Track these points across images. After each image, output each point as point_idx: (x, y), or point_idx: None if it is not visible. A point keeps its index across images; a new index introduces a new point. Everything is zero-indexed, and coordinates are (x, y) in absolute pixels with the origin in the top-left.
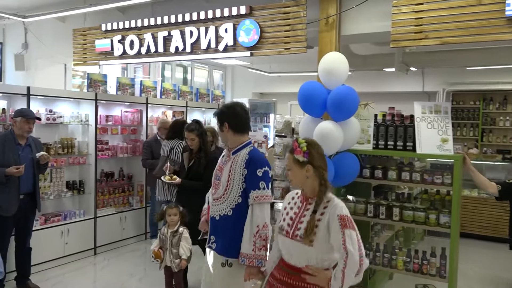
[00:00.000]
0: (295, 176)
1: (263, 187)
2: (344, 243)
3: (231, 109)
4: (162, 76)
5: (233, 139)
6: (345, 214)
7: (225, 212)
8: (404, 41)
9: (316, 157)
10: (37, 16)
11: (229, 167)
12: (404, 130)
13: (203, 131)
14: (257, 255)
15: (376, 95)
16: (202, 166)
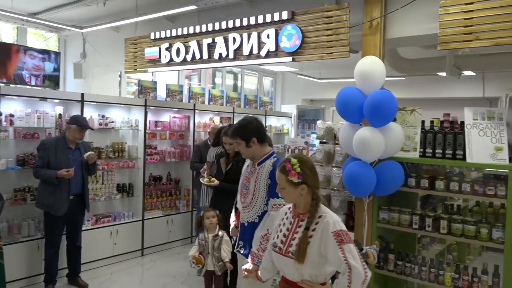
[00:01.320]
0: (289, 195)
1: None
2: (345, 259)
3: (251, 124)
4: (213, 83)
5: (259, 151)
6: (339, 229)
7: (252, 219)
8: (453, 43)
9: (310, 176)
10: (93, 27)
11: (255, 178)
12: (453, 137)
13: None
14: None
15: (431, 101)
16: (239, 170)
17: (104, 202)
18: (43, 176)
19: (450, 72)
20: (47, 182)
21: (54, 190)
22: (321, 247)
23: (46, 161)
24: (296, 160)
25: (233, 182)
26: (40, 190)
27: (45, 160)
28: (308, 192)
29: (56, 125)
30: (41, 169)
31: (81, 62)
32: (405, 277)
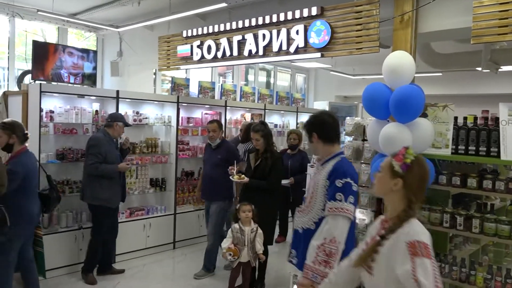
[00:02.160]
0: (379, 182)
1: (339, 199)
2: (414, 274)
3: (318, 118)
4: (246, 80)
5: (323, 149)
6: (417, 239)
7: (308, 226)
8: (487, 37)
9: (414, 179)
10: (129, 26)
11: (315, 179)
12: (487, 134)
13: (268, 132)
14: (315, 268)
15: (469, 98)
16: (268, 166)
17: (138, 196)
18: (104, 171)
19: (486, 66)
20: (104, 176)
21: (109, 184)
22: (391, 258)
23: (103, 157)
24: (414, 154)
25: (262, 178)
26: (95, 185)
27: (102, 156)
28: (401, 194)
29: (93, 121)
30: (100, 164)
31: (117, 60)
32: None
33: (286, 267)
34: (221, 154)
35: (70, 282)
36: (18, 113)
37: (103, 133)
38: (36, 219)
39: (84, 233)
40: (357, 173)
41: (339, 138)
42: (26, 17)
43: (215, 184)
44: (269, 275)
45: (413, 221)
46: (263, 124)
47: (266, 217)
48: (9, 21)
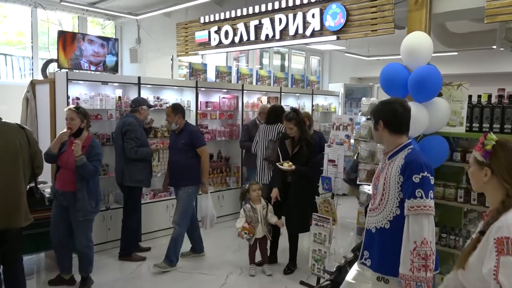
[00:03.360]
0: (472, 177)
1: (420, 196)
2: (496, 273)
3: (388, 105)
4: (261, 63)
5: (389, 140)
6: (506, 235)
7: (381, 225)
8: (501, 16)
9: (502, 162)
10: (147, 13)
11: (385, 175)
12: (501, 111)
13: (301, 120)
14: (415, 276)
15: (485, 76)
16: (306, 154)
17: (161, 178)
18: (143, 154)
19: (501, 45)
20: (141, 159)
21: (144, 166)
22: (480, 256)
23: (140, 140)
24: (495, 138)
25: (301, 165)
26: (132, 168)
27: (139, 139)
28: (494, 185)
29: (116, 106)
30: (138, 148)
31: (136, 47)
32: (450, 249)
33: (305, 244)
34: (184, 138)
35: (100, 260)
36: (46, 100)
37: (133, 117)
38: None
39: (112, 214)
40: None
41: (408, 129)
42: (48, 7)
43: (181, 169)
44: (286, 253)
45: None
46: (295, 112)
47: (309, 203)
48: (31, 11)
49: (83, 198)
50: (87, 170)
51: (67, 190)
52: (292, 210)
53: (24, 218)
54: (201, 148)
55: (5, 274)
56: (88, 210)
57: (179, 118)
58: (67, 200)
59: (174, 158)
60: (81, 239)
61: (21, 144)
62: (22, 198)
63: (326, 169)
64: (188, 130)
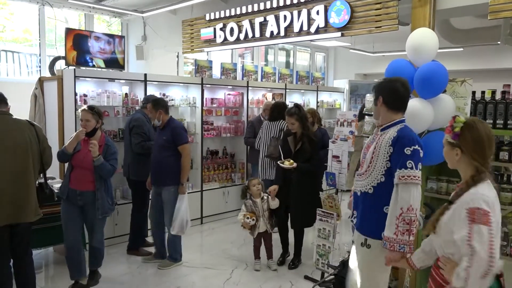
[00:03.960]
0: (446, 156)
1: (410, 167)
2: (469, 240)
3: (390, 83)
4: (266, 60)
5: (385, 115)
6: (478, 206)
7: (366, 189)
8: (504, 12)
9: (469, 144)
10: (153, 11)
11: (375, 144)
12: (505, 107)
13: (303, 115)
14: (399, 239)
15: (491, 73)
16: (309, 150)
17: None
18: (150, 148)
19: (506, 41)
20: (148, 154)
21: (147, 161)
22: (452, 220)
23: (147, 135)
24: (463, 120)
25: (304, 162)
26: (140, 163)
27: (146, 134)
28: (465, 162)
29: (123, 103)
30: (145, 143)
31: (142, 44)
32: None
33: (309, 239)
34: (166, 135)
35: (107, 254)
36: (54, 97)
37: (142, 113)
38: None
39: (119, 209)
40: None
41: (405, 107)
42: (55, 4)
43: (162, 168)
44: (291, 248)
45: (481, 186)
46: (297, 107)
47: (312, 198)
48: (39, 9)
49: (102, 197)
50: (106, 170)
51: (85, 190)
52: (296, 206)
53: (34, 213)
54: (182, 146)
55: (15, 268)
56: (107, 208)
57: (161, 113)
58: (84, 200)
59: (155, 155)
60: (97, 236)
61: (31, 140)
62: (32, 193)
63: (330, 165)
64: (171, 126)
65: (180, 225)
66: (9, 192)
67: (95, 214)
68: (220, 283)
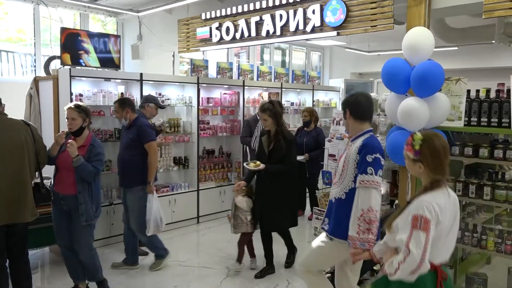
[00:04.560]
0: (409, 168)
1: (370, 173)
2: (407, 242)
3: (353, 97)
4: (261, 59)
5: (354, 126)
6: (421, 214)
7: (339, 196)
8: (498, 11)
9: (429, 159)
10: (148, 10)
11: (346, 154)
12: (499, 105)
13: (277, 112)
14: (361, 238)
15: (485, 71)
16: (283, 149)
17: (163, 174)
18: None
19: (500, 40)
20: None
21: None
22: (401, 222)
23: None
24: (420, 137)
25: (278, 162)
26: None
27: None
28: (427, 174)
29: None
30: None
31: (137, 44)
32: None
33: (306, 238)
34: (132, 133)
35: (104, 254)
36: (49, 97)
37: (139, 113)
38: None
39: (115, 209)
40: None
41: (370, 118)
42: (50, 4)
43: (128, 167)
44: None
45: (434, 193)
46: (271, 103)
47: (289, 200)
48: (33, 9)
49: (85, 202)
50: (86, 171)
51: (67, 194)
52: (266, 208)
53: (30, 213)
54: (148, 144)
55: (12, 268)
56: (92, 214)
57: (127, 112)
58: (68, 204)
59: (121, 155)
60: (84, 250)
61: (27, 140)
62: (29, 193)
63: (327, 164)
64: (137, 124)
65: (155, 224)
66: (5, 192)
67: (79, 221)
68: (217, 282)
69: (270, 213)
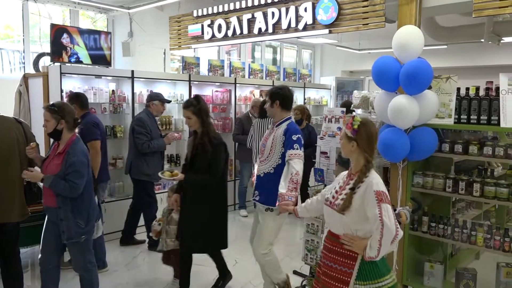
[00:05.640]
0: (342, 146)
1: (296, 148)
2: (380, 216)
3: (283, 90)
4: (253, 57)
5: (280, 114)
6: (381, 189)
7: (268, 171)
8: (488, 10)
9: (364, 139)
10: (139, 7)
11: (273, 136)
12: (488, 103)
13: (202, 109)
14: (289, 194)
15: (475, 70)
16: (208, 154)
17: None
18: (156, 147)
19: (489, 38)
20: (151, 153)
21: (153, 161)
22: (364, 202)
23: (150, 134)
24: (359, 119)
25: (202, 170)
26: (140, 162)
27: (149, 134)
28: (359, 153)
29: (110, 100)
30: (150, 142)
31: (128, 41)
32: (438, 237)
33: (297, 235)
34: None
35: None
36: (39, 94)
37: (146, 112)
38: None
39: (106, 207)
40: None
41: (291, 108)
42: (39, 0)
43: None
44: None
45: (373, 173)
46: (195, 99)
47: (215, 218)
48: (22, 5)
49: (66, 218)
50: (60, 189)
51: (49, 205)
52: (185, 226)
53: (20, 213)
54: (91, 143)
55: (3, 267)
56: (74, 232)
57: (75, 108)
58: (53, 217)
59: None
60: (77, 261)
61: (18, 138)
62: (20, 192)
63: (319, 161)
64: (84, 122)
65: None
66: None
67: (62, 238)
68: (209, 279)
69: (189, 233)
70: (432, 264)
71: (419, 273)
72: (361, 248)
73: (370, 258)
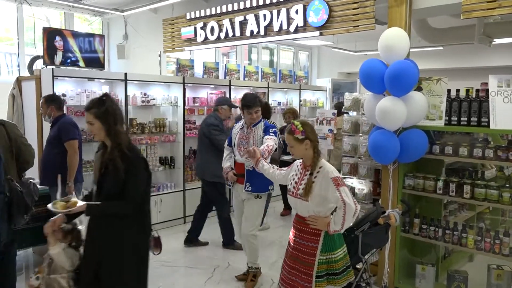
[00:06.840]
0: (297, 151)
1: (272, 134)
2: (342, 198)
3: (261, 100)
4: (249, 59)
5: (257, 118)
6: (336, 175)
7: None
8: (476, 12)
9: (311, 133)
10: (134, 9)
11: (253, 135)
12: (478, 105)
13: (109, 112)
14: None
15: (470, 71)
16: (120, 173)
17: None
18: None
19: (480, 40)
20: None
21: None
22: (322, 189)
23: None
24: (298, 122)
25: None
26: (213, 165)
27: (224, 131)
28: (310, 147)
29: None
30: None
31: (123, 43)
32: (429, 240)
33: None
34: (53, 131)
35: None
36: (32, 97)
37: (214, 116)
38: None
39: None
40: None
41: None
42: (34, 3)
43: (45, 166)
44: (274, 246)
45: (324, 162)
46: (100, 99)
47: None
48: (17, 8)
49: None
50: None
51: None
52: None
53: None
54: (69, 142)
55: None
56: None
57: (52, 110)
58: None
59: (43, 153)
60: None
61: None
62: None
63: None
64: (60, 122)
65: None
66: None
67: None
68: (201, 282)
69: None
70: (423, 266)
71: (411, 275)
72: (324, 225)
73: (335, 231)
